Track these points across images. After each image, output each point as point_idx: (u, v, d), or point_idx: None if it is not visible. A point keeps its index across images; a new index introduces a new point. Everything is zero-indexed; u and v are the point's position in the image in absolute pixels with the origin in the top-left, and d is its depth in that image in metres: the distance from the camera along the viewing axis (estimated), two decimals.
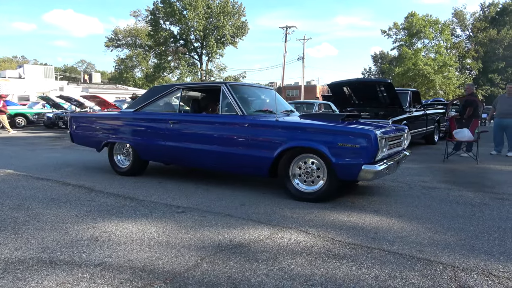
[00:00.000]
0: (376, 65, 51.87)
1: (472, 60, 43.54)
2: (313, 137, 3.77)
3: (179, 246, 2.62)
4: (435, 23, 38.53)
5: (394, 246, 2.67)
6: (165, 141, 4.75)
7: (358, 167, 3.53)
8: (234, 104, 4.32)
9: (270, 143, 3.99)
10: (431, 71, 35.31)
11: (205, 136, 4.49)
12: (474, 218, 3.39)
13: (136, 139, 5.09)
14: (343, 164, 3.61)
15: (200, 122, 4.63)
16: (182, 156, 4.76)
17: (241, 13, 37.21)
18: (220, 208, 3.61)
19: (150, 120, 5.01)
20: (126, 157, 5.35)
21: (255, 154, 4.06)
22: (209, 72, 38.62)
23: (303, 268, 2.28)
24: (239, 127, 4.21)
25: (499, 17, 45.98)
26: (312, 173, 3.87)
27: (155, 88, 5.43)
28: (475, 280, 2.16)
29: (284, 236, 2.85)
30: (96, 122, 5.74)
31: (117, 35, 47.67)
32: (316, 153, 3.78)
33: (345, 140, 3.61)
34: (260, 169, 4.11)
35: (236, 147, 4.20)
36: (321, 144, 3.69)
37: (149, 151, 5.00)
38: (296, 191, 3.92)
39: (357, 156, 3.56)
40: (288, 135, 3.90)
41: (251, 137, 4.09)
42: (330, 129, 3.78)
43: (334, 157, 3.62)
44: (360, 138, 3.57)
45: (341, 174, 3.67)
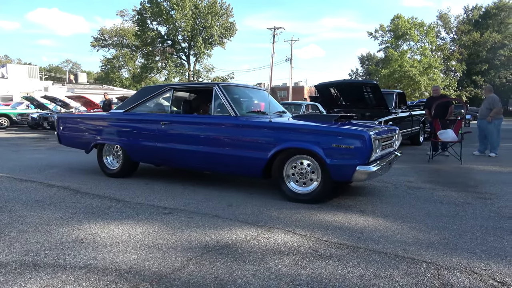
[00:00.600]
0: (363, 67, 52.46)
1: (456, 62, 44.37)
2: (307, 138, 3.77)
3: (166, 248, 2.61)
4: (420, 26, 39.19)
5: (379, 245, 2.71)
6: (156, 142, 4.70)
7: (353, 168, 3.54)
8: (227, 105, 4.30)
9: (264, 144, 3.96)
10: (417, 72, 35.87)
11: (197, 137, 4.44)
12: (458, 217, 3.46)
13: (126, 140, 5.00)
14: (337, 165, 3.61)
15: (192, 123, 4.59)
16: (174, 157, 4.69)
17: (229, 14, 37.17)
18: (207, 209, 3.61)
19: (140, 121, 4.94)
20: (115, 159, 5.28)
21: (248, 155, 4.03)
22: (197, 73, 38.45)
23: (290, 268, 2.30)
24: (232, 128, 4.18)
25: (482, 20, 47.00)
26: (306, 174, 3.87)
27: (146, 89, 5.36)
28: (457, 278, 2.20)
29: (271, 236, 2.87)
30: (84, 123, 5.63)
31: (103, 34, 47.11)
32: (311, 154, 3.79)
33: (339, 141, 3.62)
34: (254, 170, 4.09)
35: (229, 148, 4.17)
36: (315, 145, 3.69)
37: (139, 153, 4.93)
38: (291, 192, 3.91)
39: (351, 157, 3.57)
40: (282, 136, 3.88)
41: (245, 138, 4.08)
42: (324, 130, 3.78)
43: (328, 158, 3.63)
44: (354, 139, 3.59)
45: (335, 175, 3.68)
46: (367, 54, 51.90)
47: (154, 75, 42.35)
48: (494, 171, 6.21)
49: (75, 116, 6.25)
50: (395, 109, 9.22)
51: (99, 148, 5.35)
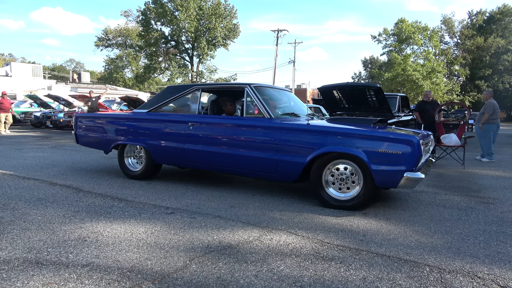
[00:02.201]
0: (366, 70, 52.44)
1: (460, 67, 44.31)
2: (351, 142, 3.61)
3: (168, 247, 2.61)
4: (424, 30, 39.14)
5: (382, 248, 2.70)
6: (184, 143, 4.55)
7: (400, 175, 3.41)
8: (260, 107, 4.18)
9: (302, 148, 3.82)
10: (420, 76, 35.83)
11: (229, 139, 4.30)
12: (461, 222, 3.45)
13: (150, 141, 4.83)
14: (383, 171, 3.47)
15: (223, 124, 4.43)
16: (202, 160, 4.49)
17: (233, 16, 37.27)
18: (209, 210, 3.61)
19: (166, 122, 4.78)
20: (138, 160, 5.13)
21: (284, 159, 3.88)
22: (199, 74, 38.53)
23: (292, 270, 2.29)
24: (267, 130, 4.03)
25: (486, 25, 46.96)
26: (347, 180, 3.72)
27: (171, 88, 5.17)
28: (460, 282, 2.19)
29: (274, 237, 2.86)
30: (105, 123, 5.42)
31: (107, 34, 47.32)
32: (353, 159, 3.64)
33: (386, 146, 3.49)
34: (289, 175, 3.92)
35: (263, 151, 4.01)
36: (359, 150, 3.55)
37: (164, 154, 4.77)
38: (330, 198, 3.75)
39: (398, 163, 3.43)
40: (322, 140, 3.73)
41: (281, 141, 3.91)
42: (370, 135, 3.64)
43: (373, 163, 3.49)
44: (402, 144, 3.44)
45: (380, 182, 3.53)
46: (370, 58, 51.90)
47: (157, 76, 42.46)
48: (497, 176, 6.18)
49: (95, 115, 6.11)
50: (398, 113, 9.20)
51: (120, 149, 5.19)
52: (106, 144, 5.30)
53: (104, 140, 5.33)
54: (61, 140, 11.00)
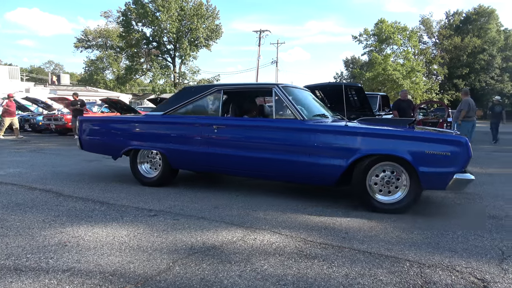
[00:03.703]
0: (348, 70, 53.11)
1: (438, 66, 45.34)
2: (395, 144, 3.54)
3: (151, 250, 2.59)
4: (403, 30, 39.89)
5: (363, 245, 2.75)
6: (208, 147, 4.31)
7: (450, 176, 3.36)
8: (291, 108, 4.03)
9: (341, 151, 3.70)
10: (400, 76, 36.47)
11: (259, 142, 4.13)
12: (440, 217, 3.54)
13: (168, 145, 4.56)
14: (430, 173, 3.42)
15: (251, 127, 4.27)
16: (228, 164, 4.31)
17: (215, 16, 37.11)
18: (193, 211, 3.59)
19: (187, 124, 4.52)
20: (152, 166, 4.84)
21: (322, 162, 3.74)
22: (182, 75, 38.25)
23: (276, 268, 2.31)
24: (302, 133, 3.88)
25: (463, 25, 48.21)
26: (392, 183, 3.63)
27: (188, 89, 4.96)
28: (439, 276, 2.25)
29: (257, 237, 2.87)
30: (115, 127, 5.08)
31: (87, 35, 46.47)
32: (398, 161, 3.57)
33: (434, 147, 3.42)
34: (328, 178, 3.80)
35: (300, 154, 3.84)
36: (405, 152, 3.47)
37: (184, 159, 4.53)
38: (376, 201, 3.66)
39: (447, 164, 3.38)
40: (364, 142, 3.64)
41: (319, 144, 3.77)
42: (416, 136, 3.62)
43: (421, 165, 3.42)
44: (451, 145, 3.41)
45: (427, 184, 3.49)
46: (351, 58, 52.61)
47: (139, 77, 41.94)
48: (475, 172, 6.32)
49: (103, 118, 5.80)
50: (379, 111, 9.37)
51: (133, 155, 4.86)
52: (117, 149, 4.95)
53: (114, 145, 4.97)
54: (40, 144, 10.75)
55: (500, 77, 46.02)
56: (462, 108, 8.25)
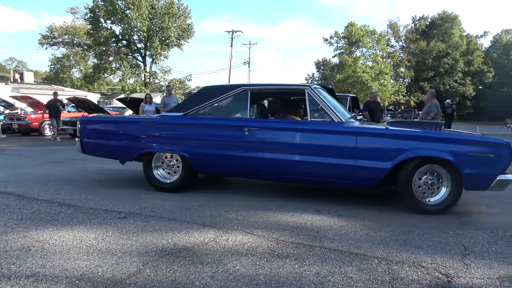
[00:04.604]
0: (319, 71, 53.89)
1: (405, 69, 46.91)
2: (441, 146, 3.62)
3: (120, 253, 2.52)
4: (372, 33, 41.04)
5: (334, 243, 2.80)
6: (238, 151, 4.11)
7: (493, 177, 3.50)
8: (328, 110, 3.99)
9: (385, 153, 3.70)
10: (369, 78, 37.47)
11: (297, 145, 4.02)
12: (407, 215, 3.65)
13: (191, 148, 4.28)
14: (474, 174, 3.53)
15: (287, 129, 4.12)
16: (262, 168, 4.15)
17: (186, 16, 36.71)
18: (164, 213, 3.54)
19: (214, 126, 4.30)
20: (169, 170, 4.50)
21: (365, 165, 3.72)
22: (153, 74, 37.58)
23: (248, 269, 2.31)
24: (343, 135, 3.86)
25: (428, 30, 50.09)
26: (435, 185, 3.71)
27: (209, 89, 4.72)
28: (406, 272, 2.33)
29: (229, 238, 2.87)
30: (127, 128, 4.71)
31: (52, 32, 44.78)
32: (442, 164, 3.64)
33: (477, 150, 3.55)
34: (369, 181, 3.81)
35: (340, 157, 3.81)
36: (448, 154, 3.56)
37: (210, 163, 4.30)
38: (421, 203, 3.71)
39: (491, 166, 3.51)
40: (407, 144, 3.68)
41: (361, 146, 3.75)
42: (460, 139, 3.72)
43: (465, 167, 3.52)
44: (494, 147, 3.55)
45: (470, 185, 3.62)
46: (322, 60, 53.37)
47: (108, 76, 40.86)
48: None
49: (112, 119, 5.31)
50: (349, 113, 9.58)
51: (147, 159, 4.50)
52: (128, 152, 4.57)
53: (126, 148, 4.58)
54: (2, 145, 10.25)
55: (463, 80, 48.13)
56: (432, 110, 8.54)
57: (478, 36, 52.82)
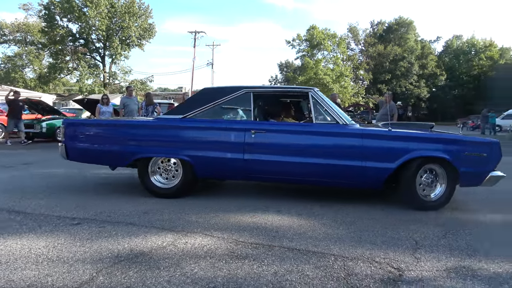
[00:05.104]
0: (282, 73, 54.49)
1: (364, 72, 48.47)
2: (439, 147, 3.87)
3: (73, 260, 2.42)
4: (333, 37, 42.14)
5: (293, 242, 2.84)
6: (244, 153, 4.06)
7: (486, 174, 3.82)
8: (333, 112, 4.12)
9: (389, 154, 3.87)
10: (330, 80, 38.41)
11: (302, 147, 4.06)
12: (363, 213, 3.77)
13: (193, 152, 4.16)
14: (469, 172, 3.82)
15: (295, 132, 4.17)
16: (269, 171, 4.19)
17: (148, 15, 35.91)
18: (121, 217, 3.43)
19: (219, 129, 4.21)
20: (167, 175, 4.34)
21: (369, 165, 3.87)
22: (112, 75, 36.43)
23: (206, 271, 2.29)
24: (348, 137, 3.99)
25: (386, 34, 52.05)
26: (433, 182, 3.96)
27: (209, 91, 4.63)
28: (360, 268, 2.41)
29: (188, 241, 2.83)
30: (121, 132, 4.45)
31: (2, 29, 42.23)
32: (440, 163, 3.89)
33: (472, 149, 3.87)
34: (375, 181, 3.95)
35: (348, 159, 3.93)
36: (447, 154, 3.81)
37: (214, 167, 4.22)
38: (423, 200, 3.93)
39: (484, 164, 3.84)
40: (409, 145, 3.89)
41: (367, 148, 3.89)
42: (455, 139, 3.98)
43: (461, 166, 3.80)
44: (487, 147, 3.90)
45: (466, 182, 3.91)
46: (285, 62, 54.03)
47: (64, 76, 39.13)
48: None
49: (102, 122, 4.97)
50: None
51: (143, 164, 4.30)
52: (122, 158, 4.33)
53: (119, 154, 4.33)
54: None
55: (418, 83, 50.40)
56: (394, 112, 8.87)
57: (431, 41, 55.55)
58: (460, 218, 3.70)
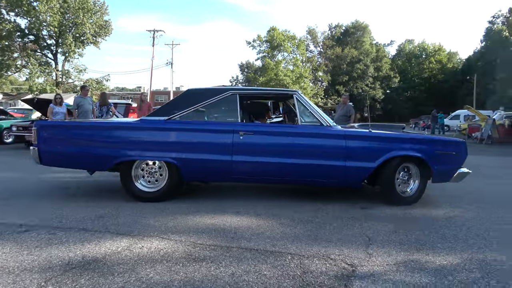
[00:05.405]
0: (243, 74, 54.63)
1: (323, 73, 49.71)
2: (415, 147, 4.13)
3: (19, 270, 2.29)
4: (293, 39, 42.90)
5: (251, 243, 2.86)
6: (232, 155, 4.05)
7: (455, 171, 4.21)
8: (317, 114, 4.25)
9: (369, 154, 4.08)
10: (290, 81, 39.09)
11: (288, 148, 4.13)
12: (320, 211, 3.88)
13: (180, 154, 4.08)
14: (441, 169, 4.16)
15: (280, 133, 4.26)
16: (257, 172, 4.22)
17: (103, 12, 34.60)
18: (73, 223, 3.29)
19: (206, 131, 4.17)
20: (151, 178, 4.19)
21: (354, 165, 4.03)
22: (66, 73, 34.76)
23: (162, 276, 2.25)
24: (333, 138, 4.13)
25: (343, 37, 53.69)
26: (409, 179, 4.24)
27: (194, 92, 4.52)
28: (316, 265, 2.47)
29: (145, 245, 2.77)
30: (100, 135, 4.23)
31: None
32: (415, 161, 4.16)
33: (443, 148, 4.25)
34: (357, 180, 4.15)
35: (331, 159, 4.07)
36: (422, 153, 4.09)
37: (201, 169, 4.15)
38: (399, 196, 4.19)
39: (454, 161, 4.24)
40: (388, 146, 4.12)
41: (350, 148, 4.06)
42: (428, 139, 4.40)
43: (434, 163, 4.10)
44: (456, 146, 4.32)
45: (437, 178, 4.25)
46: (246, 62, 54.20)
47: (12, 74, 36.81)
48: None
49: (80, 124, 4.58)
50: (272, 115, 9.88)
51: (126, 167, 4.14)
52: (103, 161, 4.13)
53: (100, 157, 4.13)
54: None
55: (373, 84, 52.45)
56: (352, 113, 9.15)
57: (385, 44, 58.02)
58: (412, 214, 3.90)
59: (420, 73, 54.88)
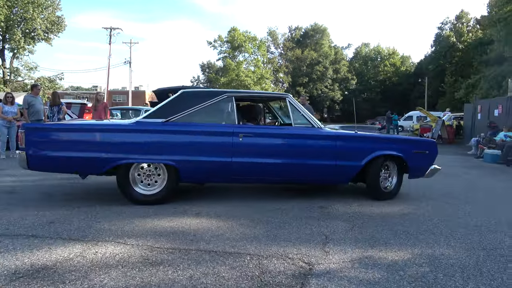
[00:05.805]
0: (204, 74, 54.21)
1: (283, 75, 50.43)
2: (395, 146, 4.58)
3: None
4: (253, 40, 43.17)
5: (210, 245, 2.85)
6: (232, 157, 4.13)
7: (428, 168, 4.72)
8: (308, 117, 4.47)
9: (358, 153, 4.41)
10: (251, 82, 39.34)
11: (284, 149, 4.37)
12: (279, 211, 3.92)
13: (179, 157, 4.05)
14: (417, 167, 4.66)
15: (278, 135, 4.44)
16: (255, 173, 4.33)
17: (56, 7, 32.98)
18: (21, 230, 3.11)
19: (206, 133, 4.18)
20: (149, 181, 4.11)
21: (344, 164, 4.35)
22: (15, 71, 32.76)
23: (117, 281, 2.19)
24: (325, 140, 4.42)
25: (303, 39, 54.80)
26: (390, 177, 4.67)
27: (189, 95, 4.39)
28: (274, 265, 2.50)
29: (99, 250, 2.67)
30: (95, 138, 4.08)
31: None
32: (395, 160, 4.59)
33: (418, 148, 4.73)
34: (346, 177, 4.52)
35: (324, 158, 4.34)
36: (402, 152, 4.53)
37: (201, 170, 4.23)
38: (384, 191, 4.60)
39: (427, 159, 4.73)
40: (373, 145, 4.50)
41: (340, 149, 4.36)
42: (406, 140, 5.04)
43: (411, 162, 4.57)
44: (429, 145, 4.83)
45: (413, 175, 4.76)
46: (207, 62, 53.80)
47: None
48: None
49: (73, 126, 4.29)
50: None
51: (123, 171, 4.02)
52: (99, 165, 3.98)
53: (95, 161, 3.96)
54: None
55: (332, 86, 53.95)
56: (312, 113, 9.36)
57: (343, 47, 59.94)
58: (368, 212, 4.05)
59: (376, 75, 57.10)
